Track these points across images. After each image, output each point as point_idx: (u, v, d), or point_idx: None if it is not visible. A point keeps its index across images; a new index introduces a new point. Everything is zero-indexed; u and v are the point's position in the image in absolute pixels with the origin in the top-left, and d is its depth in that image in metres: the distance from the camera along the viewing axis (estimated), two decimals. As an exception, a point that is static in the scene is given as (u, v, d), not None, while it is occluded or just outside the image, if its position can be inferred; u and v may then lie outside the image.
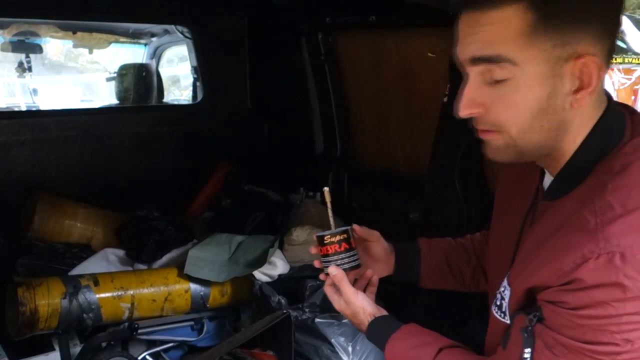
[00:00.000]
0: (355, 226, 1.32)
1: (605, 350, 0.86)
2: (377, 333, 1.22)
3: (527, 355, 0.93)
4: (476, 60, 0.92)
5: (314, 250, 1.31)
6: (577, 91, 0.90)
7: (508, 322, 1.02)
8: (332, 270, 1.24)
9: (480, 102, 0.94)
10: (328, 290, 1.28)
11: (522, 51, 0.88)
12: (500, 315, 1.04)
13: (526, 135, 0.93)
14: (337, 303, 1.26)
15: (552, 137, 0.93)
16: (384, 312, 1.25)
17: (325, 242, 1.25)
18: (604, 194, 0.87)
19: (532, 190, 1.08)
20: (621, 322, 0.84)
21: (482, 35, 0.91)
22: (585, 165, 0.94)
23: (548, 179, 1.03)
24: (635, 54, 1.78)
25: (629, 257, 0.83)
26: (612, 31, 0.93)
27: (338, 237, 1.24)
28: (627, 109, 1.01)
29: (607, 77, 1.81)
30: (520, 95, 0.90)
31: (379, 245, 1.38)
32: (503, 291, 1.03)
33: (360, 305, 1.24)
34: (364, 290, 1.30)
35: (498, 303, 1.05)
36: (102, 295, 2.15)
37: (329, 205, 1.31)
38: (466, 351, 1.15)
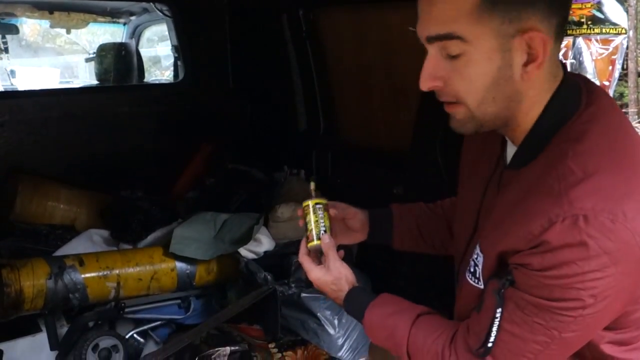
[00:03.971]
0: (331, 210, 1.36)
1: (572, 306, 0.91)
2: (356, 301, 1.26)
3: (498, 315, 0.98)
4: (431, 39, 0.99)
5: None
6: (526, 64, 0.96)
7: (482, 287, 1.06)
8: (325, 238, 1.29)
9: (439, 76, 1.01)
10: (304, 259, 1.31)
11: (472, 28, 0.94)
12: (474, 281, 1.08)
13: (481, 106, 1.00)
14: (313, 272, 1.29)
15: (506, 107, 1.00)
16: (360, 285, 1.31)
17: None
18: (565, 160, 0.94)
19: (494, 159, 1.15)
20: (585, 280, 0.89)
21: (434, 14, 0.98)
22: (545, 134, 1.00)
23: (511, 149, 1.09)
24: (613, 24, 1.80)
25: (591, 218, 0.88)
26: (561, 8, 0.98)
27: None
28: (582, 79, 1.07)
29: (585, 48, 1.84)
30: (472, 69, 0.97)
31: (356, 218, 1.43)
32: (476, 258, 1.07)
33: (345, 272, 1.28)
34: None
35: (472, 270, 1.09)
36: (88, 275, 2.15)
37: (312, 194, 1.36)
38: (443, 317, 1.19)
